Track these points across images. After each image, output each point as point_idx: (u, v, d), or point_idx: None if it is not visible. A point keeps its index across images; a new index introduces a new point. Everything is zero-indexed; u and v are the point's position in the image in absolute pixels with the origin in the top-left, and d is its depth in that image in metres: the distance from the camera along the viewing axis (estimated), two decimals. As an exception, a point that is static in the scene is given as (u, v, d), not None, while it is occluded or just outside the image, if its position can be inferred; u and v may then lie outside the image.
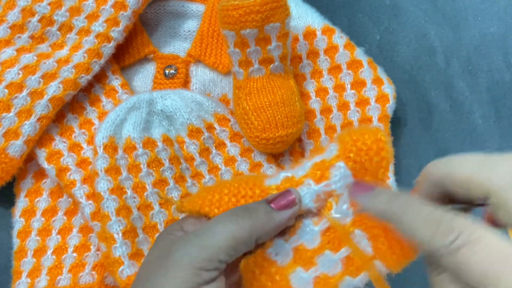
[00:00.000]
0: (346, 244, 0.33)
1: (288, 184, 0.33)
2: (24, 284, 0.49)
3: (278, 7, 0.48)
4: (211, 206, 0.33)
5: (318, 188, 0.33)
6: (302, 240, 0.33)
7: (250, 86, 0.52)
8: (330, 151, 0.34)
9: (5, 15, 0.52)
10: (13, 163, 0.50)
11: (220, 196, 0.33)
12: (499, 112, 0.61)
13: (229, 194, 0.33)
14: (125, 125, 0.50)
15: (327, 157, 0.33)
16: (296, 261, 0.33)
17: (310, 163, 0.34)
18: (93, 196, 0.50)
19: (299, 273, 0.32)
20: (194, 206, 0.34)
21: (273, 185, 0.34)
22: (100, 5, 0.54)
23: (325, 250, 0.33)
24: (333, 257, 0.33)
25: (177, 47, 0.60)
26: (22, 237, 0.51)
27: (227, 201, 0.33)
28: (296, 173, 0.34)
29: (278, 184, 0.34)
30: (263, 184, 0.34)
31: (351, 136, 0.33)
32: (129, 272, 0.46)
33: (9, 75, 0.50)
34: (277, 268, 0.33)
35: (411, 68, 0.62)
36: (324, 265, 0.33)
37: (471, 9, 0.64)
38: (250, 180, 0.34)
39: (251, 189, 0.34)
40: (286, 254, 0.33)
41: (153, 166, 0.50)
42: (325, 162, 0.33)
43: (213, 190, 0.34)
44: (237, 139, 0.54)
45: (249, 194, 0.33)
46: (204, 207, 0.33)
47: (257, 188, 0.33)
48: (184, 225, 0.34)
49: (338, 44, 0.57)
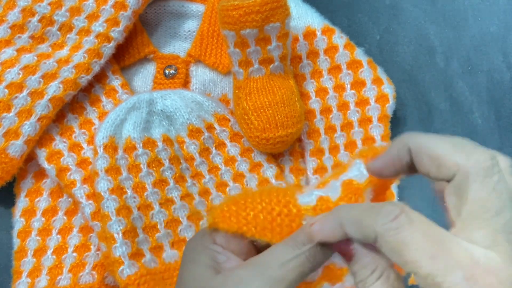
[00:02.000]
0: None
1: (324, 206, 0.33)
2: (24, 284, 0.49)
3: (278, 7, 0.48)
4: (248, 225, 0.33)
5: None
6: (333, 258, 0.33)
7: (250, 86, 0.52)
8: (357, 169, 0.34)
9: (5, 15, 0.52)
10: (13, 163, 0.50)
11: (254, 213, 0.33)
12: (499, 112, 0.61)
13: (263, 211, 0.33)
14: (125, 125, 0.50)
15: (356, 178, 0.33)
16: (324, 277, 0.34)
17: (338, 182, 0.34)
18: (93, 196, 0.50)
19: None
20: (230, 225, 0.33)
21: (308, 206, 0.33)
22: (100, 5, 0.54)
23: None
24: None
25: (177, 47, 0.60)
26: (22, 237, 0.51)
27: (263, 219, 0.33)
28: (330, 194, 0.34)
29: (314, 204, 0.33)
30: (297, 201, 0.34)
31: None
32: (129, 272, 0.46)
33: (9, 75, 0.50)
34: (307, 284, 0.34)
35: (411, 68, 0.62)
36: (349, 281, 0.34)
37: (471, 9, 0.64)
38: (281, 195, 0.34)
39: (285, 207, 0.33)
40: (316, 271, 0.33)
41: (153, 166, 0.50)
42: (355, 184, 0.33)
43: (245, 206, 0.34)
44: (237, 139, 0.54)
45: (284, 212, 0.33)
46: (242, 226, 0.33)
47: (292, 207, 0.33)
48: (217, 238, 0.34)
49: (338, 44, 0.57)
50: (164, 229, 0.49)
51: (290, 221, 0.33)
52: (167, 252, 0.49)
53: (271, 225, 0.33)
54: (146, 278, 0.46)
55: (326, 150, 0.56)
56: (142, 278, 0.46)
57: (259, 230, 0.33)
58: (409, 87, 0.61)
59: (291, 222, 0.33)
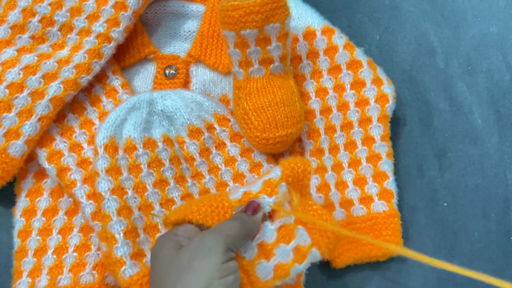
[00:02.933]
0: (295, 237, 0.45)
1: (247, 198, 0.45)
2: (24, 283, 0.49)
3: (278, 7, 0.48)
4: (193, 214, 0.43)
5: (272, 200, 0.45)
6: (263, 237, 0.44)
7: (250, 86, 0.52)
8: (275, 172, 0.46)
9: (6, 15, 0.52)
10: (13, 163, 0.50)
11: (198, 207, 0.44)
12: (499, 112, 0.61)
13: (206, 205, 0.44)
14: (126, 125, 0.50)
15: (273, 177, 0.46)
16: (260, 255, 0.44)
17: (260, 181, 0.46)
18: (93, 196, 0.50)
19: (263, 264, 0.43)
20: (179, 215, 0.43)
21: (236, 199, 0.45)
22: (100, 6, 0.54)
23: (280, 243, 0.44)
24: (286, 248, 0.44)
25: (177, 47, 0.60)
26: (22, 236, 0.51)
27: (204, 211, 0.43)
28: (252, 189, 0.46)
29: (240, 198, 0.45)
30: (229, 198, 0.45)
31: (290, 164, 0.46)
32: (131, 272, 0.46)
33: (10, 75, 0.50)
34: (247, 262, 0.43)
35: (410, 68, 0.62)
36: (280, 255, 0.44)
37: (471, 10, 0.64)
38: (217, 196, 0.45)
39: (220, 202, 0.44)
40: (252, 250, 0.43)
41: (153, 166, 0.50)
42: (272, 181, 0.46)
43: (190, 204, 0.44)
44: (237, 139, 0.54)
45: (220, 206, 0.44)
46: (188, 215, 0.43)
47: (225, 201, 0.44)
48: (178, 232, 0.41)
49: (338, 44, 0.57)
50: (165, 229, 0.50)
51: (224, 212, 0.44)
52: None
53: (211, 214, 0.44)
54: (148, 278, 0.46)
55: (326, 150, 0.56)
56: (145, 278, 0.46)
57: (202, 217, 0.43)
58: (409, 87, 0.61)
59: (225, 212, 0.44)
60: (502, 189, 0.58)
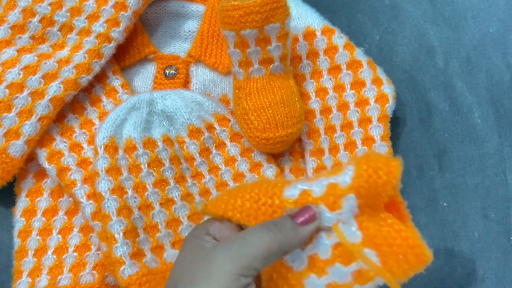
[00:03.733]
0: (356, 259, 0.35)
1: (305, 200, 0.36)
2: (24, 283, 0.49)
3: (278, 7, 0.48)
4: (233, 210, 0.36)
5: (332, 216, 0.36)
6: (317, 250, 0.36)
7: (250, 86, 0.52)
8: (345, 175, 0.36)
9: (6, 15, 0.52)
10: (14, 163, 0.50)
11: (242, 201, 0.36)
12: (499, 112, 0.61)
13: (251, 200, 0.36)
14: (126, 125, 0.50)
15: (341, 183, 0.36)
16: (311, 268, 0.36)
17: (326, 182, 0.37)
18: (93, 196, 0.50)
19: (313, 280, 0.36)
20: (218, 209, 0.37)
21: (291, 199, 0.36)
22: (100, 6, 0.54)
23: (336, 262, 0.36)
24: (343, 270, 0.36)
25: (178, 47, 0.60)
26: (23, 236, 0.51)
27: (249, 207, 0.36)
28: (313, 189, 0.36)
29: (296, 198, 0.36)
30: (282, 194, 0.37)
31: (368, 169, 0.35)
32: (130, 272, 0.46)
33: (10, 75, 0.50)
34: (293, 274, 0.36)
35: (410, 68, 0.62)
36: (334, 275, 0.36)
37: (471, 9, 0.64)
38: (270, 187, 0.37)
39: (270, 198, 0.36)
40: (302, 261, 0.36)
41: (153, 166, 0.50)
42: (338, 188, 0.36)
43: (235, 195, 0.37)
44: (237, 139, 0.54)
45: (268, 202, 0.36)
46: (227, 211, 0.36)
47: (276, 198, 0.36)
48: (210, 229, 0.37)
49: (338, 44, 0.57)
50: (165, 229, 0.50)
51: (273, 211, 0.36)
52: (168, 251, 0.49)
53: (256, 213, 0.36)
54: (147, 278, 0.46)
55: (326, 150, 0.56)
56: (143, 278, 0.46)
57: (243, 216, 0.36)
58: (409, 87, 0.61)
59: (273, 212, 0.36)
60: (502, 189, 0.58)
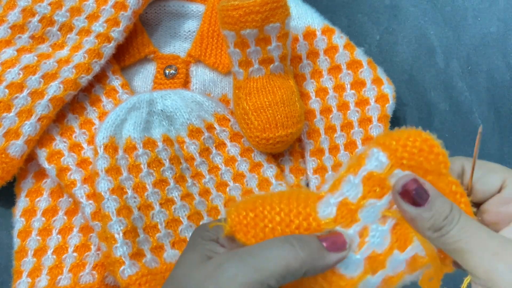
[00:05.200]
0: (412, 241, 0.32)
1: (345, 212, 0.33)
2: (24, 283, 0.49)
3: (278, 7, 0.48)
4: (264, 238, 0.32)
5: (385, 202, 0.33)
6: (374, 246, 0.33)
7: (250, 86, 0.52)
8: (376, 159, 0.32)
9: (6, 15, 0.52)
10: (13, 163, 0.50)
11: (273, 226, 0.32)
12: (499, 112, 0.61)
13: (282, 224, 0.32)
14: (126, 125, 0.50)
15: (376, 169, 0.32)
16: (367, 270, 0.33)
17: (357, 179, 0.33)
18: (93, 196, 0.50)
19: (368, 280, 0.33)
20: (247, 237, 0.32)
21: (329, 219, 0.33)
22: (100, 6, 0.54)
23: (394, 249, 0.33)
24: (400, 257, 0.33)
25: (177, 47, 0.60)
26: (22, 236, 0.51)
27: (281, 232, 0.32)
28: (347, 194, 0.33)
29: (334, 216, 0.33)
30: (317, 214, 0.33)
31: (398, 142, 0.32)
32: (130, 272, 0.46)
33: (10, 75, 0.50)
34: (347, 281, 0.32)
35: (410, 68, 0.62)
36: (391, 267, 0.33)
37: (471, 9, 0.64)
38: (301, 205, 0.33)
39: (305, 220, 0.32)
40: (357, 266, 0.33)
41: (153, 166, 0.50)
42: (376, 174, 0.32)
43: (263, 215, 0.33)
44: (237, 139, 0.54)
45: (303, 226, 0.32)
46: (258, 239, 0.32)
47: (312, 220, 0.32)
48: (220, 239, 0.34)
49: (338, 44, 0.57)
50: (165, 229, 0.50)
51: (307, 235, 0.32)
52: (167, 252, 0.49)
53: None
54: (147, 278, 0.46)
55: (326, 150, 0.56)
56: (143, 278, 0.46)
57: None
58: (409, 87, 0.61)
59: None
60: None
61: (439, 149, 0.33)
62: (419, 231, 0.32)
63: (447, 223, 0.31)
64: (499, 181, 0.34)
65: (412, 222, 0.32)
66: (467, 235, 0.31)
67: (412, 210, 0.32)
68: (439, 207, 0.31)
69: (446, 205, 0.31)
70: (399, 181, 0.32)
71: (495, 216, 0.34)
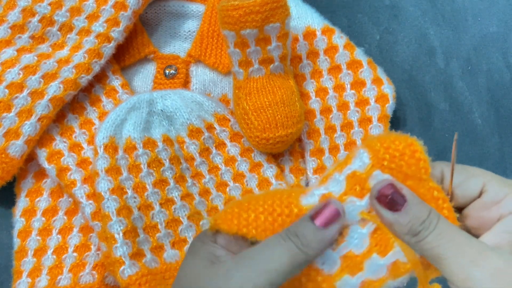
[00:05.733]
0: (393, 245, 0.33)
1: None
2: (24, 283, 0.49)
3: (278, 7, 0.48)
4: (248, 226, 0.33)
5: (365, 204, 0.33)
6: (351, 246, 0.33)
7: (250, 86, 0.52)
8: (360, 159, 0.33)
9: (6, 15, 0.52)
10: (13, 163, 0.50)
11: (256, 215, 0.33)
12: (499, 112, 0.61)
13: (265, 212, 0.33)
14: (126, 125, 0.50)
15: (359, 168, 0.33)
16: (344, 269, 0.33)
17: (342, 176, 0.34)
18: (93, 196, 0.50)
19: (346, 280, 0.33)
20: (231, 227, 0.33)
21: (310, 206, 0.33)
22: (100, 6, 0.54)
23: (373, 253, 0.33)
24: (379, 262, 0.33)
25: (177, 47, 0.60)
26: (22, 236, 0.51)
27: (264, 220, 0.33)
28: (332, 190, 0.33)
29: (316, 203, 0.33)
30: (300, 203, 0.33)
31: (382, 144, 0.33)
32: (130, 272, 0.46)
33: (10, 75, 0.50)
34: (324, 277, 0.33)
35: (410, 68, 0.62)
36: (370, 270, 0.33)
37: (471, 9, 0.64)
38: (284, 197, 0.34)
39: (287, 207, 0.33)
40: (334, 263, 0.33)
41: (153, 166, 0.50)
42: (358, 174, 0.33)
43: (246, 208, 0.34)
44: (237, 139, 0.54)
45: (285, 212, 0.33)
46: (241, 228, 0.33)
47: (294, 207, 0.33)
48: (218, 239, 0.34)
49: (338, 44, 0.57)
50: (165, 229, 0.50)
51: (291, 222, 0.32)
52: (167, 252, 0.49)
53: (273, 226, 0.33)
54: (147, 278, 0.46)
55: (326, 150, 0.56)
56: (143, 278, 0.46)
57: (259, 232, 0.32)
58: (409, 87, 0.61)
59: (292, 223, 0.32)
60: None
61: (421, 155, 0.33)
62: (398, 236, 0.32)
63: (423, 228, 0.31)
64: (479, 186, 0.34)
65: (390, 227, 0.32)
66: (444, 241, 0.30)
67: (389, 215, 0.32)
68: (416, 212, 0.31)
69: (423, 210, 0.31)
70: (375, 186, 0.32)
71: (477, 221, 0.34)
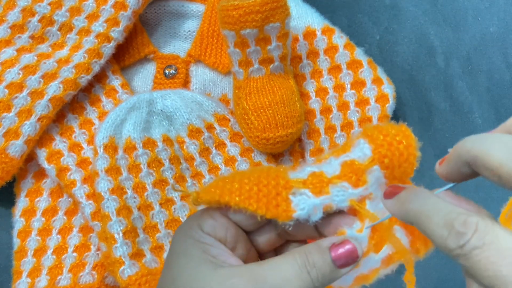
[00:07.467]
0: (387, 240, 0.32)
1: (316, 180, 0.32)
2: (24, 283, 0.49)
3: (278, 7, 0.48)
4: (231, 194, 0.31)
5: (358, 192, 0.32)
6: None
7: (250, 86, 0.52)
8: (360, 150, 0.32)
9: (5, 15, 0.52)
10: (13, 163, 0.50)
11: (240, 185, 0.32)
12: (499, 112, 0.61)
13: (250, 183, 0.32)
14: (125, 125, 0.50)
15: (358, 159, 0.32)
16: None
17: (338, 161, 0.33)
18: (93, 196, 0.50)
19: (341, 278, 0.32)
20: (213, 195, 0.32)
21: (299, 179, 0.32)
22: (100, 5, 0.54)
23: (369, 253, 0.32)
24: (375, 258, 0.32)
25: (177, 47, 0.60)
26: (22, 237, 0.51)
27: (248, 190, 0.31)
28: (324, 170, 0.32)
29: (305, 178, 0.32)
30: (287, 175, 0.32)
31: (385, 138, 0.32)
32: (130, 272, 0.46)
33: (9, 75, 0.50)
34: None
35: (410, 68, 0.62)
36: (365, 267, 0.33)
37: (471, 9, 0.64)
38: (272, 170, 0.33)
39: (274, 179, 0.32)
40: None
41: (153, 166, 0.50)
42: (357, 164, 0.32)
43: (231, 180, 0.32)
44: (237, 139, 0.54)
45: (272, 183, 0.32)
46: (224, 196, 0.31)
47: (281, 179, 0.32)
48: (204, 226, 0.32)
49: (338, 44, 0.57)
50: (165, 229, 0.50)
51: (277, 193, 0.31)
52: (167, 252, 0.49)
53: (257, 195, 0.31)
54: (147, 278, 0.46)
55: (326, 150, 0.56)
56: (143, 278, 0.46)
57: (242, 199, 0.31)
58: (409, 87, 0.61)
59: (277, 194, 0.31)
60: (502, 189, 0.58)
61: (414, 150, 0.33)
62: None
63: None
64: None
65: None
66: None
67: None
68: None
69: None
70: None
71: None
